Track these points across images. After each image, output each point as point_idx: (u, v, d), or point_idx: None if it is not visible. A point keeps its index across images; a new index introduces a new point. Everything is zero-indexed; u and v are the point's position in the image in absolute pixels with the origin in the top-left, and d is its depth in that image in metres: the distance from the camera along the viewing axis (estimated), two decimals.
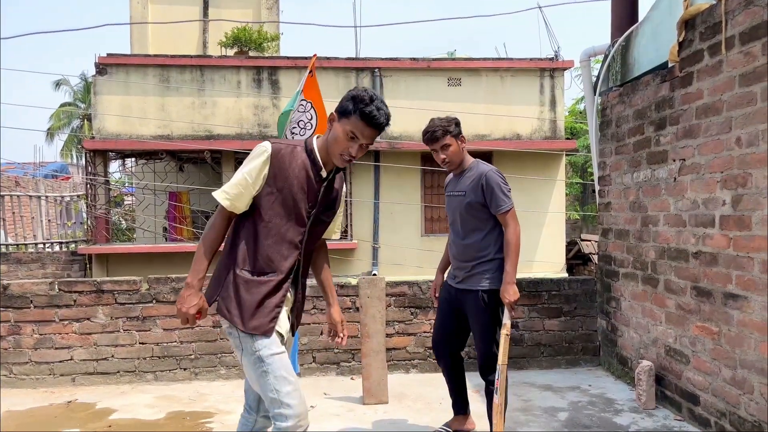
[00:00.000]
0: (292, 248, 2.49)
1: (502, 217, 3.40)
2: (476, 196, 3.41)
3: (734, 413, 3.46)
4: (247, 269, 2.46)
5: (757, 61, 3.20)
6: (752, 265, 3.28)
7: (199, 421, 4.15)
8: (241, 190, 2.43)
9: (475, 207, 3.43)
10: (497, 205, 3.38)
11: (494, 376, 3.39)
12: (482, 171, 3.46)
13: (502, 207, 3.38)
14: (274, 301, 2.45)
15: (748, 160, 3.30)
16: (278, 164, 2.42)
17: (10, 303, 4.94)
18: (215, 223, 2.48)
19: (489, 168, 3.49)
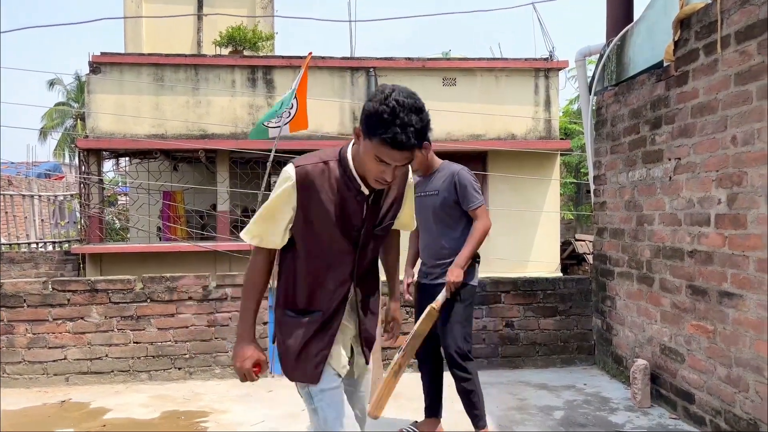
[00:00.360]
0: (339, 281, 2.18)
1: (474, 213, 3.54)
2: (450, 194, 3.55)
3: (729, 411, 3.47)
4: (289, 309, 2.22)
5: (752, 60, 3.21)
6: (747, 263, 3.29)
7: (193, 421, 4.13)
8: (265, 227, 2.16)
9: (450, 205, 3.56)
10: (470, 202, 3.52)
11: (461, 371, 3.48)
12: (454, 170, 3.60)
13: (474, 203, 3.52)
14: (319, 345, 2.18)
15: (743, 158, 3.31)
16: (307, 190, 2.09)
17: (4, 302, 4.90)
18: (252, 263, 2.23)
19: (460, 167, 3.64)
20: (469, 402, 3.53)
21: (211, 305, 5.08)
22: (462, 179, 3.53)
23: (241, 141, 10.42)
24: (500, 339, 5.30)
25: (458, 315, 3.51)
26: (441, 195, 3.57)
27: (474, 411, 3.54)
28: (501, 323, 5.30)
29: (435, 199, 3.58)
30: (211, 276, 5.15)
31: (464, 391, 3.52)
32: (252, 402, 4.50)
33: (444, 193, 3.56)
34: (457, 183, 3.53)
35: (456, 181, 3.53)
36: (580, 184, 20.43)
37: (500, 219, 11.37)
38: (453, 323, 3.51)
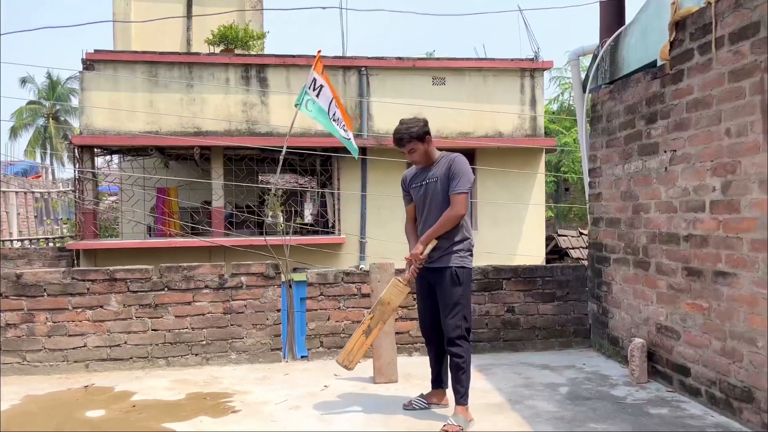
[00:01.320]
0: None
1: (455, 198, 3.74)
2: (446, 181, 3.79)
3: (724, 381, 3.79)
4: None
5: (746, 58, 3.53)
6: (741, 244, 3.60)
7: (219, 401, 4.32)
8: None
9: (446, 191, 3.79)
10: (455, 185, 3.74)
11: (457, 349, 3.74)
12: (451, 157, 3.86)
13: (459, 188, 3.74)
14: None
15: (737, 149, 3.63)
16: None
17: (24, 291, 5.03)
18: None
19: (457, 155, 3.90)
20: (457, 378, 3.77)
21: (227, 293, 5.26)
22: (455, 165, 3.78)
23: (236, 138, 10.57)
24: (502, 323, 5.58)
25: (456, 296, 3.78)
26: (440, 182, 3.81)
27: (459, 387, 3.77)
28: (503, 308, 5.58)
29: (434, 186, 3.83)
30: (226, 265, 5.33)
31: (455, 367, 3.77)
32: (271, 384, 4.71)
33: (442, 179, 3.80)
34: (452, 166, 3.78)
35: (451, 165, 3.79)
36: (560, 182, 20.94)
37: (488, 214, 11.72)
38: (452, 304, 3.78)
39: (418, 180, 3.95)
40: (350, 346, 3.90)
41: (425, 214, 3.90)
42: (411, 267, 3.84)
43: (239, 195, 11.55)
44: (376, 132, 11.31)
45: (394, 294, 3.88)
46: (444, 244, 3.80)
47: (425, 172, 3.92)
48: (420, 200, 3.93)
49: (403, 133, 3.82)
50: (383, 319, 3.91)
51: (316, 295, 5.38)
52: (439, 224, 3.75)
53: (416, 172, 4.00)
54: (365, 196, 11.36)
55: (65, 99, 39.19)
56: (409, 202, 4.06)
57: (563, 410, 3.99)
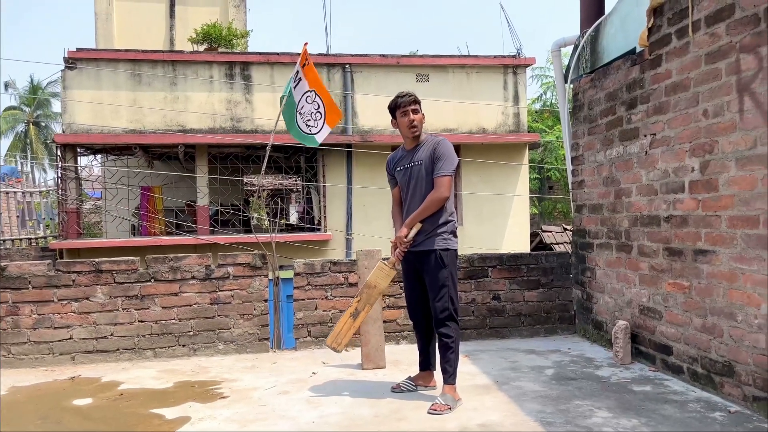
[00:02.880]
0: None
1: (439, 180, 3.77)
2: (430, 163, 3.82)
3: (705, 357, 3.86)
4: None
5: (721, 40, 3.62)
6: (720, 222, 3.69)
7: (208, 388, 4.32)
8: None
9: (431, 173, 3.82)
10: (439, 168, 3.77)
11: (446, 329, 3.78)
12: (436, 140, 3.90)
13: (442, 171, 3.77)
14: None
15: (714, 129, 3.71)
16: None
17: (8, 284, 5.00)
18: None
19: (442, 138, 3.94)
20: (446, 358, 3.81)
21: (214, 284, 5.26)
22: (440, 148, 3.81)
23: (221, 136, 10.55)
24: (488, 311, 5.64)
25: (443, 278, 3.82)
26: (424, 165, 3.84)
27: (447, 366, 3.81)
28: (488, 296, 5.64)
29: (420, 169, 3.86)
30: (213, 255, 5.34)
31: (444, 347, 3.81)
32: (259, 372, 4.72)
33: (428, 162, 3.83)
34: (436, 148, 3.82)
35: (436, 147, 3.82)
36: (543, 180, 21.12)
37: (473, 209, 11.80)
38: (439, 286, 3.82)
39: (403, 163, 3.98)
40: (338, 328, 3.94)
41: (409, 198, 3.93)
42: (396, 250, 3.87)
43: (224, 193, 11.52)
44: (360, 128, 11.34)
45: (380, 277, 3.92)
46: (428, 227, 3.83)
47: (410, 154, 3.95)
48: (404, 183, 3.96)
49: (411, 92, 3.94)
50: (370, 302, 3.95)
51: (303, 285, 5.40)
52: (423, 207, 3.78)
53: (401, 154, 4.03)
54: (351, 194, 11.39)
55: (46, 104, 38.86)
56: (395, 185, 4.08)
57: (549, 389, 4.05)
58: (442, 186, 3.76)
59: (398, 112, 3.91)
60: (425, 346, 4.13)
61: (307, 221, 11.93)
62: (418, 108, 3.89)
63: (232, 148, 11.15)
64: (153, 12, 13.39)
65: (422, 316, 4.06)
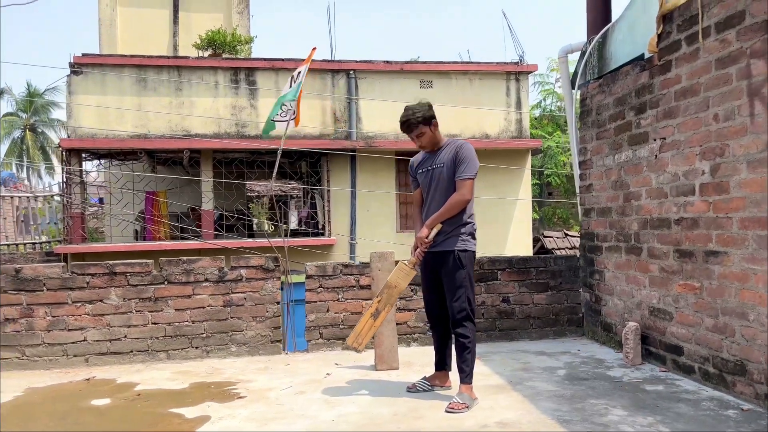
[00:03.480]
0: None
1: (461, 182, 3.84)
2: (452, 166, 3.89)
3: (717, 356, 3.93)
4: None
5: (732, 46, 3.70)
6: (731, 223, 3.76)
7: (224, 389, 4.36)
8: None
9: (452, 177, 3.89)
10: (461, 171, 3.84)
11: (463, 330, 3.83)
12: (458, 143, 3.96)
13: (464, 174, 3.84)
14: None
15: (725, 132, 3.79)
16: None
17: (23, 286, 5.04)
18: None
19: (463, 141, 4.00)
20: (463, 358, 3.87)
21: (227, 286, 5.31)
22: (462, 152, 3.87)
23: (226, 141, 10.61)
24: (498, 313, 5.69)
25: (460, 279, 3.88)
26: (446, 167, 3.90)
27: (464, 366, 3.87)
28: (498, 299, 5.69)
29: (441, 171, 3.93)
30: (225, 258, 5.39)
31: (461, 347, 3.87)
32: (273, 373, 4.76)
33: (450, 165, 3.89)
34: (458, 152, 3.88)
35: (458, 151, 3.88)
36: (543, 186, 21.22)
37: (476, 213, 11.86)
38: (457, 286, 3.88)
39: (425, 165, 4.04)
40: (359, 328, 3.99)
41: (430, 199, 3.99)
42: (416, 250, 3.93)
43: (229, 198, 11.57)
44: (364, 134, 11.42)
45: (400, 277, 3.98)
46: (447, 228, 3.89)
47: (432, 157, 4.01)
48: (426, 185, 4.03)
49: (409, 117, 3.90)
50: (390, 302, 4.01)
51: (315, 287, 5.45)
52: (445, 208, 3.84)
53: (424, 157, 4.09)
54: (355, 199, 11.45)
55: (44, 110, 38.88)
56: (417, 186, 4.15)
57: (563, 389, 4.10)
58: (464, 188, 3.83)
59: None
60: (441, 347, 4.18)
61: (312, 226, 11.98)
62: (423, 131, 3.93)
63: (237, 153, 11.21)
64: (156, 18, 13.46)
65: (439, 316, 4.11)
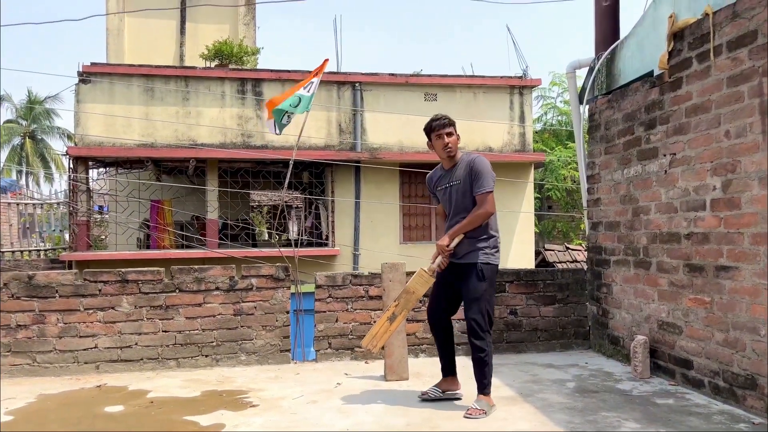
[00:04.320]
0: None
1: (481, 197, 3.90)
2: (468, 182, 3.96)
3: (728, 371, 3.96)
4: None
5: (744, 64, 3.77)
6: (742, 239, 3.81)
7: (236, 397, 4.38)
8: None
9: (470, 191, 3.97)
10: (479, 186, 3.91)
11: (480, 342, 3.88)
12: (472, 158, 4.03)
13: (483, 188, 3.90)
14: None
15: (736, 149, 3.85)
16: None
17: (36, 293, 5.06)
18: None
19: (476, 155, 4.06)
20: (481, 371, 3.92)
21: (237, 295, 5.34)
22: (476, 165, 3.94)
23: (232, 151, 10.67)
24: (505, 325, 5.73)
25: (480, 291, 3.93)
26: (463, 184, 3.98)
27: (482, 378, 3.93)
28: (506, 311, 5.73)
29: (458, 187, 4.00)
30: (236, 267, 5.42)
31: (478, 360, 3.92)
32: (284, 382, 4.78)
33: (467, 181, 3.96)
34: (473, 167, 3.94)
35: (472, 166, 3.94)
36: (543, 199, 21.28)
37: None
38: (476, 299, 3.93)
39: (442, 182, 4.13)
40: (375, 330, 4.07)
41: (452, 216, 4.07)
42: (438, 259, 3.98)
43: (233, 207, 11.61)
44: (369, 145, 11.50)
45: (419, 283, 4.04)
46: (471, 241, 3.96)
47: (448, 174, 4.09)
48: (446, 202, 4.13)
49: (445, 115, 4.05)
50: (408, 306, 4.09)
51: (324, 297, 5.48)
52: (467, 221, 3.90)
53: (440, 174, 4.17)
54: (359, 210, 11.50)
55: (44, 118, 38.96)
56: (437, 202, 4.27)
57: (574, 401, 4.13)
58: (486, 202, 3.89)
59: (433, 135, 4.05)
60: (446, 352, 4.26)
61: (315, 236, 12.01)
62: (452, 131, 4.03)
63: (242, 163, 11.27)
64: (164, 28, 13.57)
65: (443, 321, 4.20)
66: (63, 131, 37.72)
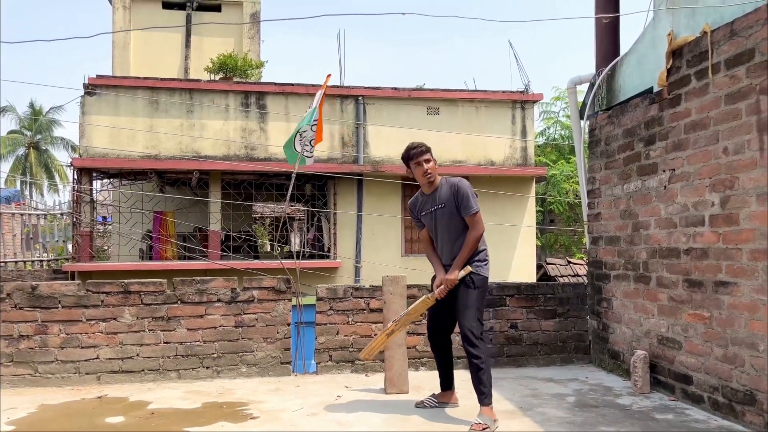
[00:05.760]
0: None
1: (470, 219, 4.07)
2: (452, 205, 4.09)
3: (727, 386, 3.97)
4: None
5: (741, 82, 3.81)
6: (741, 255, 3.83)
7: (236, 409, 4.40)
8: None
9: (455, 214, 4.11)
10: (466, 208, 4.05)
11: (474, 349, 3.96)
12: (453, 182, 4.17)
13: (470, 210, 4.05)
14: None
15: (735, 165, 3.89)
16: None
17: (39, 303, 5.09)
18: None
19: (458, 179, 4.21)
20: (478, 378, 3.96)
21: (239, 307, 5.37)
22: (459, 190, 4.08)
23: (235, 163, 10.74)
24: (506, 339, 5.74)
25: (472, 300, 4.06)
26: (447, 207, 4.12)
27: (481, 387, 3.96)
28: (506, 325, 5.75)
29: (444, 211, 4.14)
30: (238, 279, 5.45)
31: (474, 368, 3.97)
32: (284, 394, 4.79)
33: (450, 205, 4.10)
34: (455, 192, 4.08)
35: (455, 191, 4.08)
36: (545, 213, 21.31)
37: None
38: (468, 307, 4.05)
39: (426, 207, 4.24)
40: (372, 344, 4.33)
41: (440, 239, 4.20)
42: (440, 287, 4.10)
43: (236, 219, 11.66)
44: (372, 159, 11.56)
45: (421, 307, 4.21)
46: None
47: (431, 198, 4.21)
48: (432, 226, 4.25)
49: (421, 143, 4.18)
50: (406, 323, 4.28)
51: (325, 310, 5.50)
52: (467, 249, 4.04)
53: (422, 199, 4.28)
54: (361, 223, 11.55)
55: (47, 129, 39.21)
56: (422, 227, 4.36)
57: (573, 416, 4.14)
58: (477, 223, 4.05)
59: (412, 162, 4.18)
60: (444, 367, 4.38)
61: (317, 248, 12.05)
62: (430, 157, 4.17)
63: (245, 175, 11.33)
64: (169, 42, 13.71)
65: (442, 337, 4.33)
66: (67, 142, 37.96)
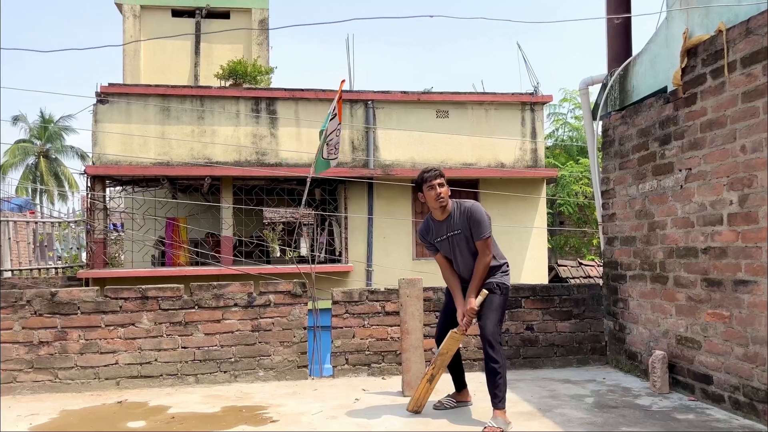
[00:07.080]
0: None
1: (480, 244, 4.13)
2: (467, 230, 4.16)
3: (748, 385, 3.95)
4: None
5: (758, 80, 3.81)
6: (761, 253, 3.82)
7: (255, 413, 4.42)
8: None
9: (470, 238, 4.17)
10: (478, 233, 4.12)
11: (494, 353, 4.00)
12: (466, 207, 4.21)
13: (482, 235, 4.12)
14: None
15: (753, 164, 3.88)
16: None
17: (58, 309, 5.14)
18: None
19: (471, 203, 4.26)
20: (494, 382, 3.99)
21: (255, 311, 5.39)
22: (472, 215, 4.14)
23: (246, 169, 10.79)
24: (522, 341, 5.73)
25: (496, 304, 4.13)
26: (463, 232, 4.17)
27: (496, 391, 3.98)
28: (522, 326, 5.74)
29: (460, 237, 4.19)
30: (255, 284, 5.48)
31: (491, 371, 4.00)
32: (303, 397, 4.81)
33: (465, 229, 4.16)
34: (469, 217, 4.14)
35: (468, 216, 4.15)
36: (555, 215, 21.25)
37: None
38: (489, 310, 4.11)
39: (440, 233, 4.26)
40: (417, 394, 4.33)
41: (461, 263, 4.26)
42: (464, 319, 4.16)
43: (248, 224, 11.71)
44: (381, 162, 11.59)
45: (452, 345, 4.24)
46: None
47: (444, 224, 4.23)
48: (449, 252, 4.28)
49: (434, 167, 4.25)
50: (444, 365, 4.31)
51: (341, 313, 5.52)
52: (477, 277, 4.13)
53: (435, 225, 4.29)
54: (371, 226, 11.57)
55: (57, 137, 39.51)
56: (436, 252, 4.38)
57: (593, 416, 4.13)
58: (487, 248, 4.13)
59: (425, 186, 4.19)
60: (455, 372, 4.49)
61: (328, 253, 12.08)
62: (443, 181, 4.18)
63: (257, 180, 11.39)
64: (179, 49, 13.81)
65: None
66: (77, 150, 38.22)
